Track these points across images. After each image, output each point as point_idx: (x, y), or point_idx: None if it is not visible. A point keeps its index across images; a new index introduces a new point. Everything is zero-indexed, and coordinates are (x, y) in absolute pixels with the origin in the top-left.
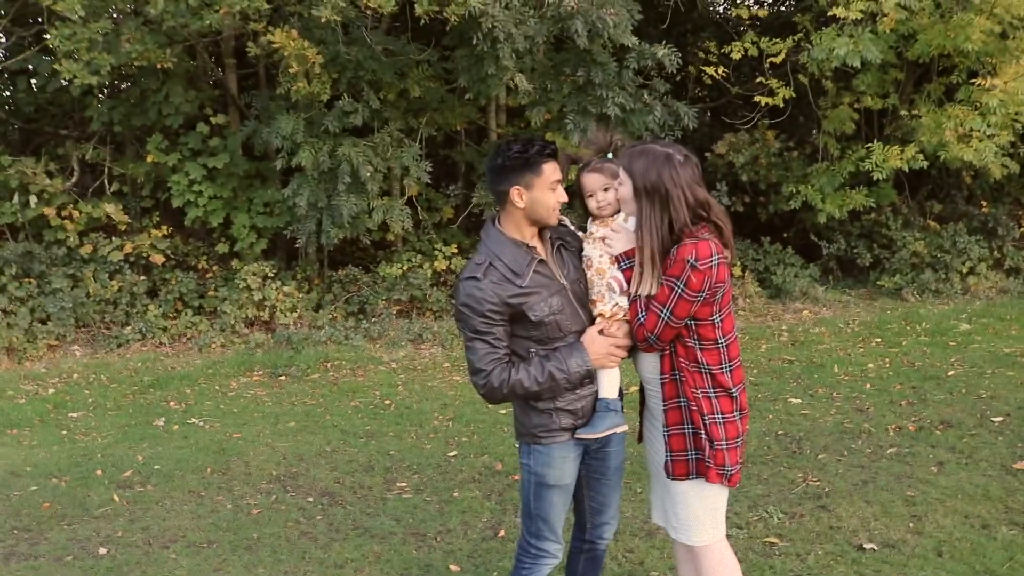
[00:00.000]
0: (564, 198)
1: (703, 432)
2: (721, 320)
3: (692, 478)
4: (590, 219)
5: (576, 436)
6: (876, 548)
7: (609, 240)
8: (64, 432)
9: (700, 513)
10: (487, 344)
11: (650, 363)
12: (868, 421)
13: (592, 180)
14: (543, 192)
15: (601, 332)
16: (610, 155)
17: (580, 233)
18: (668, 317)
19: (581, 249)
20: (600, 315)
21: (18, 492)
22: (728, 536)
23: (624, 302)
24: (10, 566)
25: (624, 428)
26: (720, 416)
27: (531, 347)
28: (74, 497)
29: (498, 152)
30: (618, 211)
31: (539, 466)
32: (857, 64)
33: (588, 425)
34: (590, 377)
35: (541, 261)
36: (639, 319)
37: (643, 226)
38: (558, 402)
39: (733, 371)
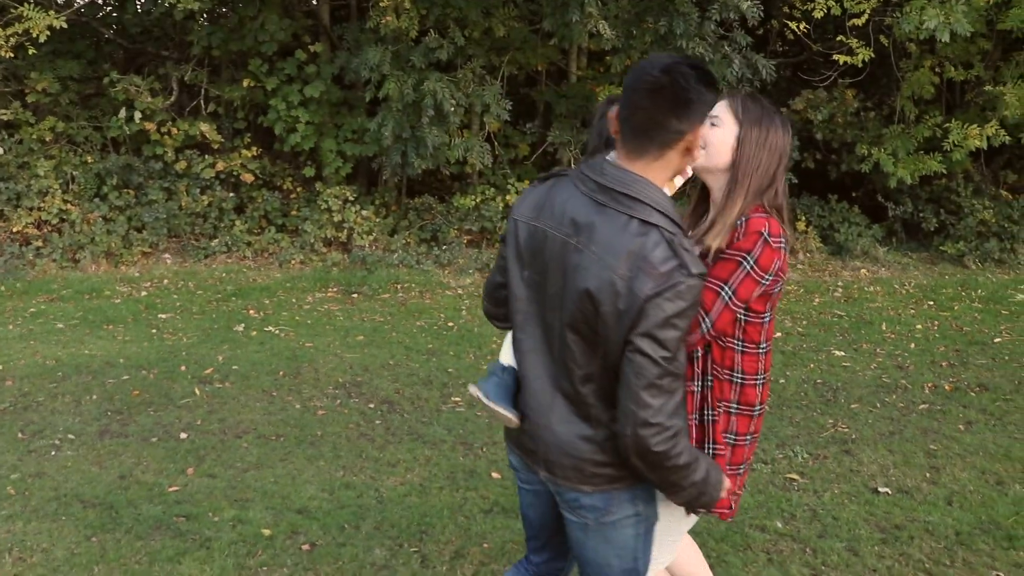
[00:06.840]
0: None
1: (714, 452)
2: (768, 321)
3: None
4: None
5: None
6: (890, 492)
7: None
8: (154, 331)
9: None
10: None
11: None
12: (906, 378)
13: None
14: None
15: None
16: None
17: None
18: (730, 298)
19: None
20: None
21: (112, 380)
22: (752, 470)
23: None
24: (104, 441)
25: (506, 415)
26: (732, 437)
27: None
28: (160, 388)
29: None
30: None
31: None
32: (946, 39)
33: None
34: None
35: None
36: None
37: (740, 171)
38: None
39: (765, 385)
